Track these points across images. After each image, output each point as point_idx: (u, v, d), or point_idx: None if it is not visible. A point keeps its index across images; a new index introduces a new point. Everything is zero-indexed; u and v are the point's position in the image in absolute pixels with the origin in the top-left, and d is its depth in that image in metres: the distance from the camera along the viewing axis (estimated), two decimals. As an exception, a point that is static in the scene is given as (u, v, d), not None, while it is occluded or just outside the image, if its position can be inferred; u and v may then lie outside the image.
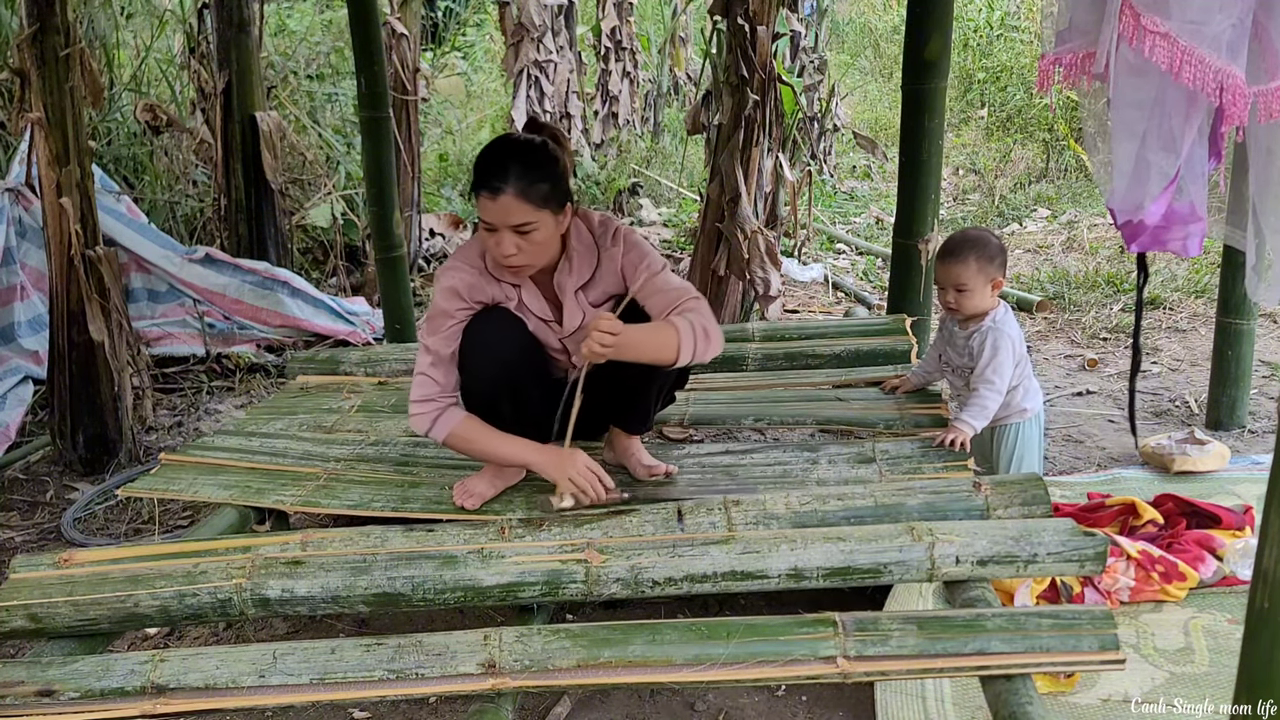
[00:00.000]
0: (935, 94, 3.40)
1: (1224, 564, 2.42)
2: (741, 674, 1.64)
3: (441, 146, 8.01)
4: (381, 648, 1.70)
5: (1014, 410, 2.53)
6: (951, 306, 2.50)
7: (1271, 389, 3.74)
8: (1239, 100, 1.63)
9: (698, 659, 1.64)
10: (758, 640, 1.65)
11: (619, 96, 8.17)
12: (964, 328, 2.53)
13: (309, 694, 1.68)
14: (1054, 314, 4.90)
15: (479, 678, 1.65)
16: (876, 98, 10.73)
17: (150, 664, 1.73)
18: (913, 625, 1.66)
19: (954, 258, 2.46)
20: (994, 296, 2.49)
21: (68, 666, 1.76)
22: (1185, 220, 1.94)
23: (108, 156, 5.41)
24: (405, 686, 1.67)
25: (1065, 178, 7.86)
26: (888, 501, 2.01)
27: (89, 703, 1.71)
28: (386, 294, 4.25)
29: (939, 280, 2.53)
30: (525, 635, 1.70)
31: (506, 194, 2.07)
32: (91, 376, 3.43)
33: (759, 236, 4.18)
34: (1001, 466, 2.58)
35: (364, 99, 4.07)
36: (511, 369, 2.27)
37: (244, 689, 1.68)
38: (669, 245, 6.64)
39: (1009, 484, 2.03)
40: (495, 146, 2.19)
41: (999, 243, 2.51)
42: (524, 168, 2.10)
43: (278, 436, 2.85)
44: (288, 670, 1.68)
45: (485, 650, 1.67)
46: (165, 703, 1.69)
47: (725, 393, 3.00)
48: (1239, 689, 1.18)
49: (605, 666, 1.65)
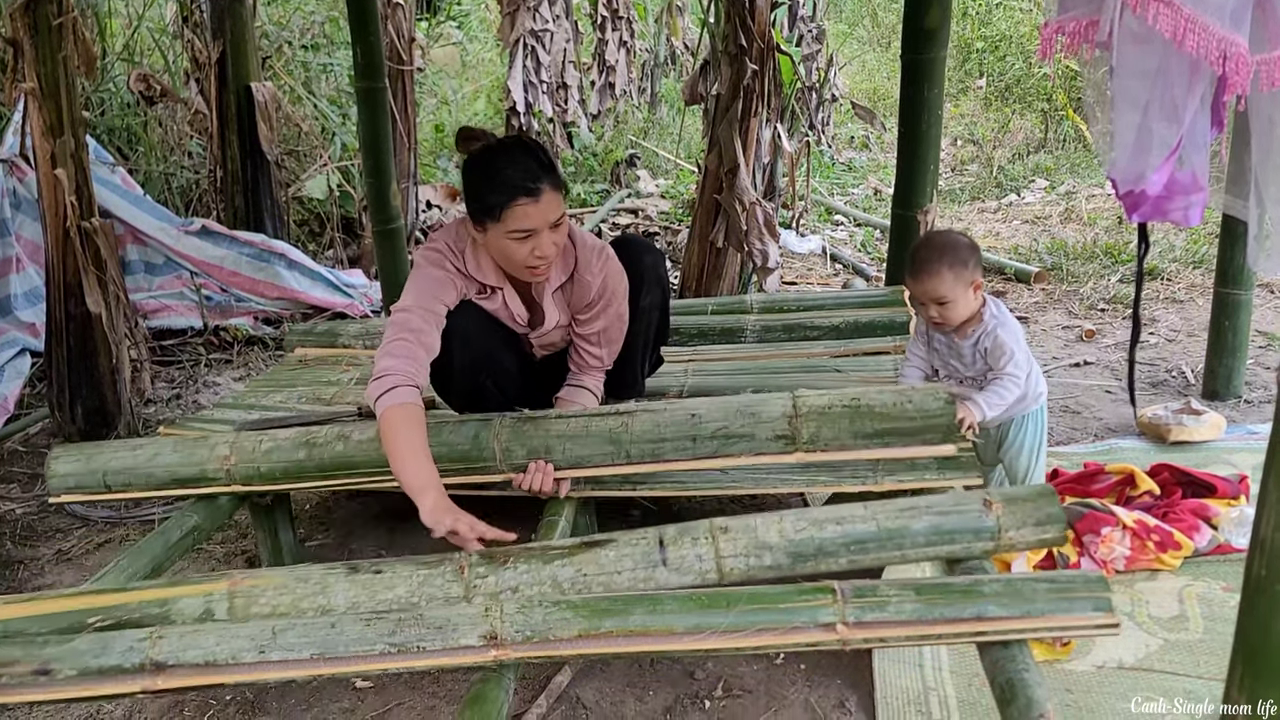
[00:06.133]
0: (934, 64, 3.38)
1: (1219, 532, 2.44)
2: (741, 641, 1.63)
3: (437, 117, 7.96)
4: (382, 621, 1.68)
5: (1030, 398, 2.41)
6: (937, 321, 2.32)
7: (1268, 359, 3.75)
8: (1242, 69, 1.62)
9: (698, 627, 1.63)
10: (757, 609, 1.65)
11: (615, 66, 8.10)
12: (963, 336, 2.36)
13: (309, 668, 1.66)
14: (1051, 285, 4.90)
15: (481, 649, 1.64)
16: (875, 67, 10.66)
17: (149, 640, 1.70)
18: (910, 591, 1.66)
19: (926, 272, 2.26)
20: (978, 297, 2.31)
21: (64, 645, 1.71)
22: (1186, 190, 1.94)
23: (101, 127, 5.37)
24: (407, 659, 1.65)
25: (1064, 148, 7.84)
26: (891, 525, 1.83)
27: (87, 680, 1.68)
28: (384, 266, 4.24)
29: (916, 297, 2.32)
30: (526, 607, 1.69)
31: (546, 192, 2.02)
32: (89, 349, 3.42)
33: (757, 208, 4.16)
34: (1017, 459, 2.48)
35: (360, 69, 4.05)
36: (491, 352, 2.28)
37: (244, 665, 1.66)
38: (667, 217, 6.62)
39: (1021, 501, 1.86)
40: (503, 151, 2.09)
41: (968, 241, 2.33)
42: (543, 160, 2.06)
43: (277, 409, 2.86)
44: (287, 645, 1.66)
45: (487, 622, 1.66)
46: (165, 679, 1.67)
47: (724, 364, 3.00)
48: (1235, 656, 1.19)
49: (606, 636, 1.64)
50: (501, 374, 2.31)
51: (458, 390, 2.38)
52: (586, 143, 7.65)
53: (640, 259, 2.34)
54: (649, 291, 2.34)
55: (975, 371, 2.39)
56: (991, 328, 2.32)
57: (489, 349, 2.25)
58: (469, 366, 2.28)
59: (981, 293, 2.33)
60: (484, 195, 2.05)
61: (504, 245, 2.07)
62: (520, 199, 2.01)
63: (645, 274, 2.33)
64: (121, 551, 2.48)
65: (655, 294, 2.37)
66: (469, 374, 2.30)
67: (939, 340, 2.44)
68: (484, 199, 2.05)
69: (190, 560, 2.72)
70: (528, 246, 2.06)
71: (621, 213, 6.78)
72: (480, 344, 2.23)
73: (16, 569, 2.74)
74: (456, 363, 2.25)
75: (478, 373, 2.29)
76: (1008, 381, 2.30)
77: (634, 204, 6.97)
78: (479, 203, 2.07)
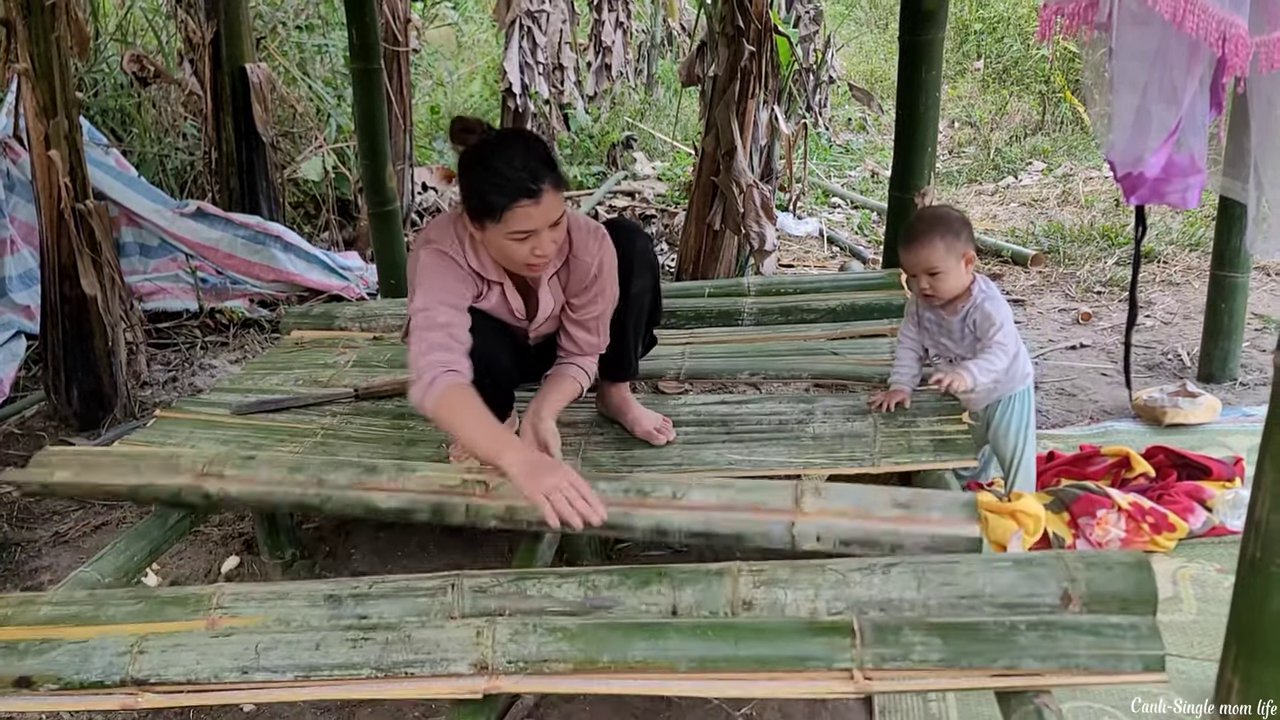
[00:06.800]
0: (932, 45, 3.37)
1: (1213, 514, 2.45)
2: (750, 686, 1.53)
3: (433, 98, 7.92)
4: (369, 644, 1.62)
5: (1017, 379, 2.45)
6: (928, 293, 2.36)
7: (1263, 341, 3.76)
8: (1241, 50, 1.62)
9: (702, 664, 1.55)
10: (767, 645, 1.55)
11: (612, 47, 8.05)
12: (953, 312, 2.40)
13: (292, 692, 1.61)
14: (1048, 268, 4.90)
15: (470, 678, 1.58)
16: (872, 49, 10.62)
17: (129, 656, 1.66)
18: (936, 637, 1.52)
19: (918, 243, 2.31)
20: (969, 272, 2.35)
21: (44, 655, 1.69)
22: (1185, 172, 1.94)
23: (95, 108, 5.34)
24: (392, 686, 1.60)
25: (1061, 130, 7.82)
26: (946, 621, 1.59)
27: (68, 694, 1.66)
28: (380, 249, 4.22)
29: (908, 269, 2.38)
30: (520, 633, 1.61)
31: (547, 193, 1.98)
32: (85, 331, 3.41)
33: (754, 190, 4.15)
34: (1005, 439, 2.50)
35: (355, 50, 4.02)
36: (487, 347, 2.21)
37: (225, 685, 1.63)
38: (663, 200, 6.61)
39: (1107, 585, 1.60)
40: (502, 149, 2.02)
41: (961, 215, 2.37)
42: (544, 157, 2.02)
43: (273, 392, 2.86)
44: (271, 666, 1.62)
45: (478, 649, 1.59)
46: (145, 696, 1.64)
47: (721, 346, 3.00)
48: (1229, 635, 1.20)
49: (604, 671, 1.57)
50: (499, 373, 2.30)
51: None
52: (583, 124, 7.61)
53: (631, 242, 2.32)
54: (640, 275, 2.33)
55: (965, 348, 2.42)
56: (979, 301, 2.36)
57: (489, 351, 2.21)
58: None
59: (972, 268, 2.36)
60: (484, 195, 2.00)
61: (503, 245, 2.04)
62: (522, 201, 1.96)
63: (636, 258, 2.32)
64: (119, 534, 2.48)
65: (646, 278, 2.36)
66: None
67: (929, 319, 2.47)
68: (484, 199, 2.00)
69: (187, 543, 2.72)
70: (528, 246, 2.03)
71: (618, 195, 6.76)
72: (479, 348, 2.16)
73: (14, 551, 2.75)
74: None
75: (478, 375, 2.26)
76: (996, 350, 2.33)
77: (630, 186, 6.95)
78: (479, 202, 2.02)
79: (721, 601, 1.69)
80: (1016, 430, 2.49)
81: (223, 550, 2.71)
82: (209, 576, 2.59)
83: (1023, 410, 2.48)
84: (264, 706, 2.05)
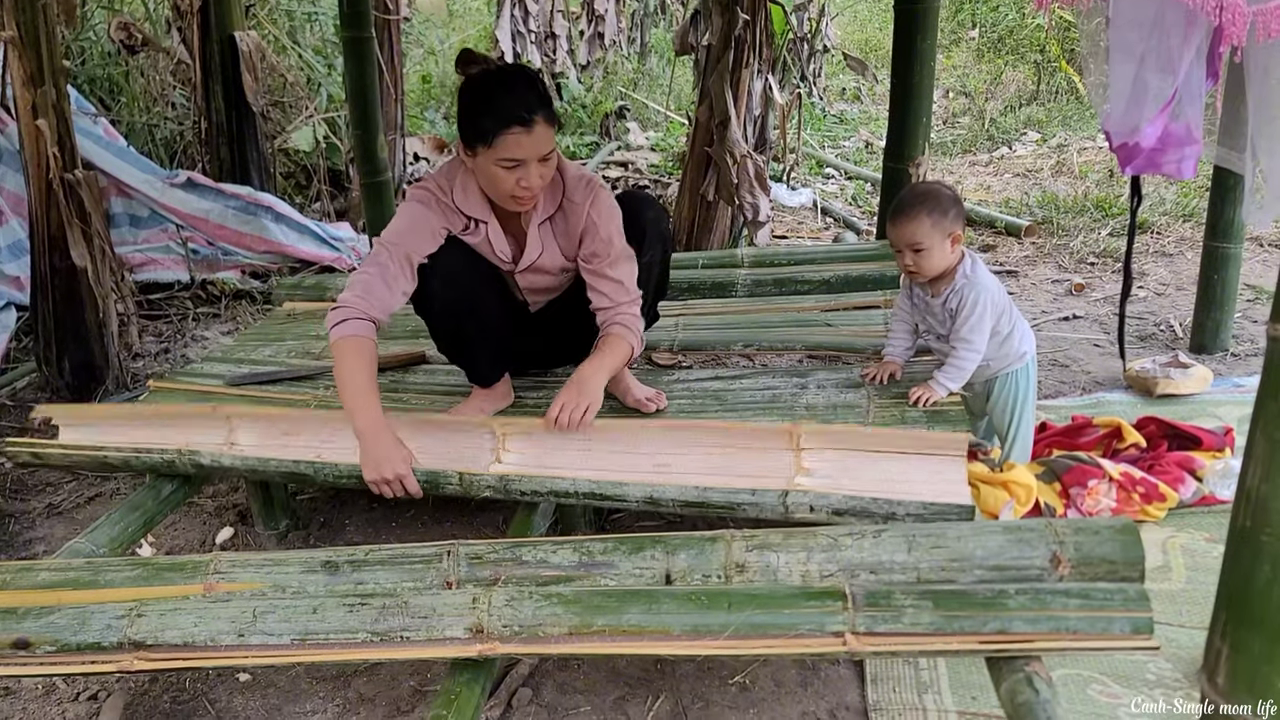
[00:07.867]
0: (928, 14, 3.35)
1: (1203, 484, 2.46)
2: (743, 648, 1.55)
3: (424, 68, 7.86)
4: (366, 608, 1.64)
5: (1013, 357, 2.43)
6: (911, 269, 2.33)
7: (1255, 312, 3.77)
8: (1238, 19, 1.61)
9: (696, 630, 1.56)
10: (761, 611, 1.56)
11: (605, 16, 7.99)
12: (936, 294, 2.37)
13: (289, 654, 1.63)
14: (1042, 238, 4.89)
15: (466, 642, 1.60)
16: (867, 18, 10.56)
17: (127, 619, 1.68)
18: (928, 601, 1.54)
19: (905, 216, 2.28)
20: (955, 251, 2.31)
21: (42, 618, 1.71)
22: (1181, 142, 1.93)
23: (82, 77, 5.28)
24: (389, 649, 1.62)
25: (1056, 100, 7.79)
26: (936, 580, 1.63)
27: (66, 656, 1.67)
28: (372, 219, 4.20)
29: (893, 242, 2.35)
30: (515, 599, 1.63)
31: (539, 124, 2.01)
32: (75, 303, 3.40)
33: (748, 161, 4.13)
34: (1003, 415, 2.49)
35: (346, 18, 3.98)
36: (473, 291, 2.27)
37: (222, 647, 1.64)
38: (656, 170, 6.58)
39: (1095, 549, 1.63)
40: (502, 79, 2.08)
41: (952, 194, 2.32)
42: (541, 93, 2.05)
43: (266, 363, 2.85)
44: (268, 630, 1.64)
45: (474, 614, 1.61)
46: (143, 658, 1.66)
47: (714, 318, 3.00)
48: (1218, 603, 1.21)
49: (599, 635, 1.59)
50: (485, 317, 2.30)
51: (440, 333, 2.40)
52: (575, 94, 7.57)
53: (643, 213, 2.33)
54: (650, 246, 2.33)
55: (946, 330, 2.39)
56: (960, 286, 2.32)
57: (471, 287, 2.24)
58: (449, 307, 2.28)
59: (960, 248, 2.32)
60: (478, 119, 2.04)
61: (491, 172, 2.07)
62: (513, 127, 2.00)
63: (648, 228, 2.32)
64: (113, 505, 2.48)
65: (657, 249, 2.35)
66: (450, 316, 2.30)
67: (918, 296, 2.45)
68: (477, 123, 2.04)
69: (181, 514, 2.73)
70: (514, 176, 2.06)
71: (611, 165, 6.73)
72: (463, 283, 2.22)
73: (8, 523, 2.75)
74: (437, 304, 2.27)
75: (459, 315, 2.28)
76: (962, 350, 2.31)
77: (623, 157, 6.91)
78: (472, 125, 2.06)
79: (715, 565, 1.71)
80: (1015, 407, 2.48)
81: (217, 521, 2.71)
82: (204, 547, 2.60)
83: (1020, 388, 2.46)
84: (260, 674, 2.07)
